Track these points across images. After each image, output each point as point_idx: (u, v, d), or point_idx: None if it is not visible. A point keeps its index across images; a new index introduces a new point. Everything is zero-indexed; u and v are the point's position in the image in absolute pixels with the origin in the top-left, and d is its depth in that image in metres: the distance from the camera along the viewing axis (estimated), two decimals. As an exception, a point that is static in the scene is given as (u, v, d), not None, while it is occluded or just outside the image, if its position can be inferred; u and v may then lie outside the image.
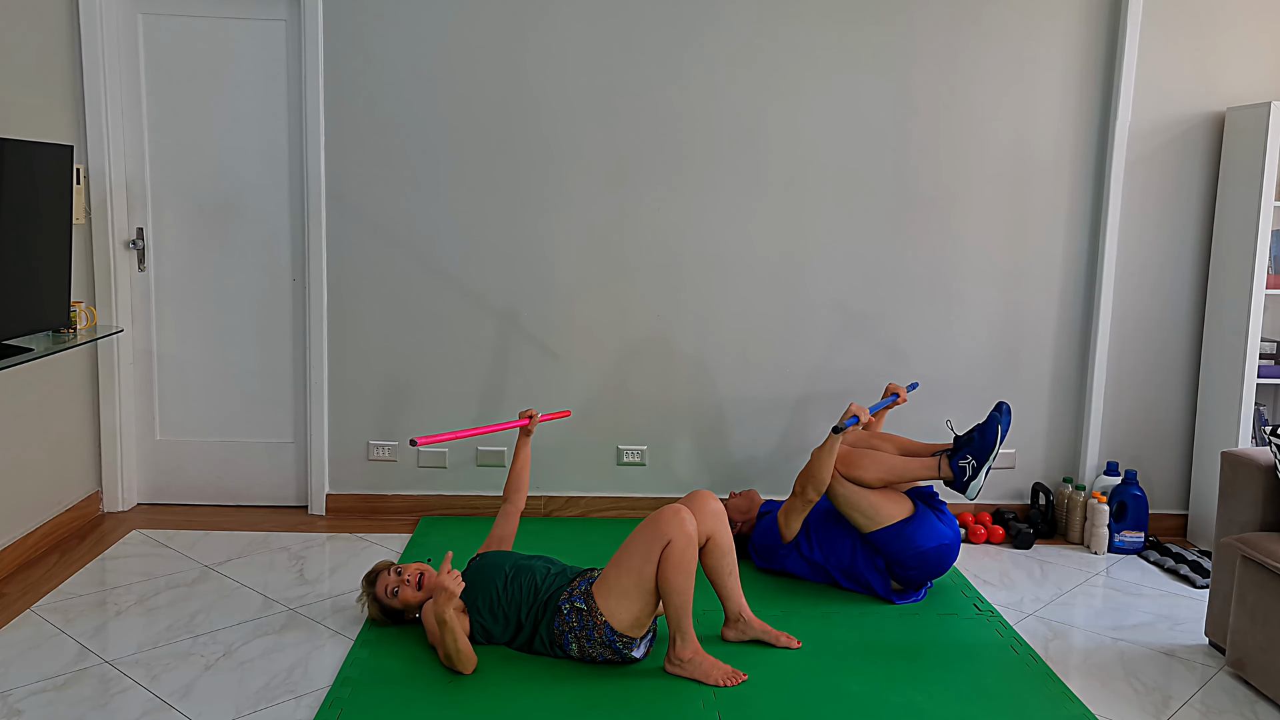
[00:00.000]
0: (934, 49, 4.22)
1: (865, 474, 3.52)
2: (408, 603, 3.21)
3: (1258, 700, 3.00)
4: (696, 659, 3.00)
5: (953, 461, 3.51)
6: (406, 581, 3.21)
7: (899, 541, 3.51)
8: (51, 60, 3.93)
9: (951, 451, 3.54)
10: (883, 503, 3.53)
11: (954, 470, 3.51)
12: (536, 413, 3.60)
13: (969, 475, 3.48)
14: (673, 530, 2.92)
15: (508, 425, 3.56)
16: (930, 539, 3.51)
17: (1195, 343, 4.40)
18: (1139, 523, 4.20)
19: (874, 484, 3.53)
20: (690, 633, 3.00)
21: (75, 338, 3.57)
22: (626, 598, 2.96)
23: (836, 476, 3.54)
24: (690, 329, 4.35)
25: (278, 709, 2.79)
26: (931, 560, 3.52)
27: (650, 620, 3.05)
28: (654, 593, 2.97)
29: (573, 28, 4.17)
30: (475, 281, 4.30)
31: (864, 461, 3.53)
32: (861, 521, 3.55)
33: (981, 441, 3.47)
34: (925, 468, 3.53)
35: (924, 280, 4.35)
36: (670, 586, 2.93)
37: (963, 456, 3.49)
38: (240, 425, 4.42)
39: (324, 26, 4.14)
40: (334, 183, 4.23)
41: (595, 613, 2.97)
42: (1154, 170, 4.30)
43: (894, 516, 3.52)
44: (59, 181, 3.35)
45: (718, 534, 3.18)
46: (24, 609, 3.38)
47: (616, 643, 2.99)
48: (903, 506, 3.55)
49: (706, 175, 4.27)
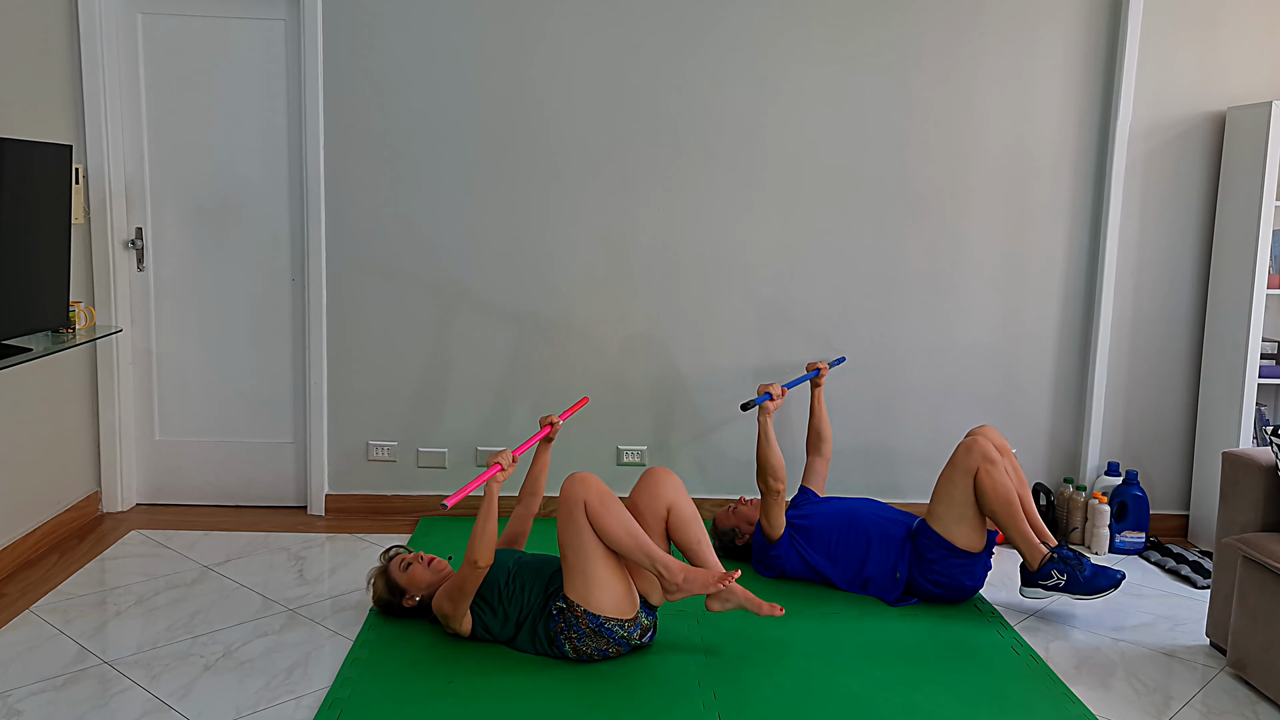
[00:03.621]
0: (934, 49, 4.22)
1: (990, 494, 3.41)
2: (415, 580, 3.24)
3: (1259, 701, 3.00)
4: (688, 576, 2.97)
5: (1050, 564, 3.43)
6: (420, 558, 3.28)
7: (946, 562, 3.50)
8: (51, 60, 3.93)
9: (1059, 557, 3.44)
10: (971, 523, 3.48)
11: (1043, 571, 3.43)
12: (557, 419, 3.42)
13: (1051, 584, 3.42)
14: (578, 491, 2.98)
15: (532, 441, 3.31)
16: (971, 579, 3.53)
17: (1196, 343, 4.40)
18: (1140, 523, 4.20)
19: (986, 506, 3.44)
20: (666, 559, 2.96)
21: (74, 338, 3.57)
22: (593, 579, 2.97)
23: (971, 472, 3.43)
24: (691, 329, 4.35)
25: (278, 709, 2.79)
26: (956, 593, 3.55)
27: (634, 596, 3.05)
28: (609, 556, 2.98)
29: (573, 27, 4.17)
30: (475, 281, 4.29)
31: (999, 484, 3.41)
32: (940, 513, 3.49)
33: (1087, 581, 3.38)
34: (1027, 545, 3.44)
35: (924, 280, 4.35)
36: (612, 535, 2.94)
37: (1061, 571, 3.42)
38: (240, 425, 4.42)
39: (324, 26, 4.13)
40: (334, 183, 4.22)
41: (574, 607, 2.98)
42: (1154, 170, 4.30)
43: (963, 541, 3.48)
44: (58, 181, 3.35)
45: (677, 503, 3.17)
46: (23, 609, 3.38)
47: (606, 626, 2.99)
48: (978, 540, 3.51)
49: (707, 176, 4.26)
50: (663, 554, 2.97)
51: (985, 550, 3.54)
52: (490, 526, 2.94)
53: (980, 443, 3.47)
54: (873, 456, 4.44)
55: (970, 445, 3.47)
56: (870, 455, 4.44)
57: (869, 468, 4.45)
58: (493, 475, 2.92)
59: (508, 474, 2.98)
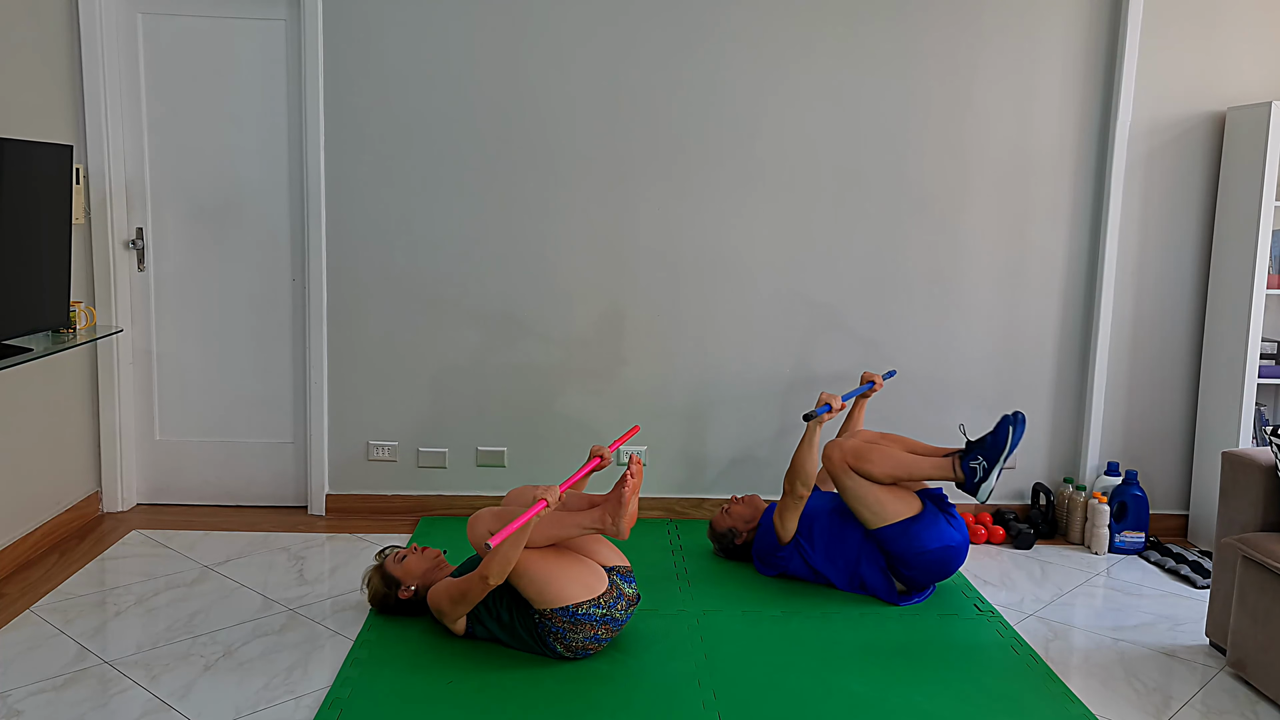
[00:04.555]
0: (934, 49, 4.22)
1: (874, 469, 3.51)
2: (410, 570, 3.26)
3: (1258, 701, 3.00)
4: (609, 509, 2.98)
5: (964, 462, 3.51)
6: (414, 549, 3.31)
7: (904, 540, 3.50)
8: (51, 60, 3.93)
9: (963, 454, 3.54)
10: (890, 499, 3.53)
11: (965, 471, 3.51)
12: (607, 451, 3.21)
13: (979, 476, 3.47)
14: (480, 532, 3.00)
15: (580, 475, 3.17)
16: (935, 540, 3.51)
17: (1196, 343, 4.39)
18: (1139, 523, 4.20)
19: (882, 479, 3.52)
20: (593, 514, 3.00)
21: (75, 338, 3.57)
22: (541, 580, 2.98)
23: (845, 469, 3.54)
24: (690, 329, 4.35)
25: (278, 709, 2.79)
26: (935, 562, 3.52)
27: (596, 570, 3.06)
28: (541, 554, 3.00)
29: (573, 27, 4.17)
30: (475, 281, 4.29)
31: (874, 456, 3.53)
32: (867, 516, 3.54)
33: (993, 443, 3.47)
34: (936, 467, 3.53)
35: (924, 280, 4.35)
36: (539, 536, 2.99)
37: (974, 458, 3.50)
38: (240, 425, 4.42)
39: (324, 26, 4.13)
40: (334, 183, 4.22)
41: (545, 613, 3.00)
42: (1154, 170, 4.30)
43: (900, 514, 3.52)
44: (59, 181, 3.35)
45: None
46: (23, 609, 3.38)
47: (581, 613, 2.99)
48: (910, 505, 3.55)
49: (706, 176, 4.26)
50: (583, 514, 3.01)
51: (926, 507, 3.57)
52: (515, 552, 2.95)
53: (830, 450, 3.58)
54: (873, 456, 4.44)
55: (829, 456, 3.58)
56: (870, 455, 4.44)
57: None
58: (538, 513, 2.90)
59: (552, 509, 2.98)
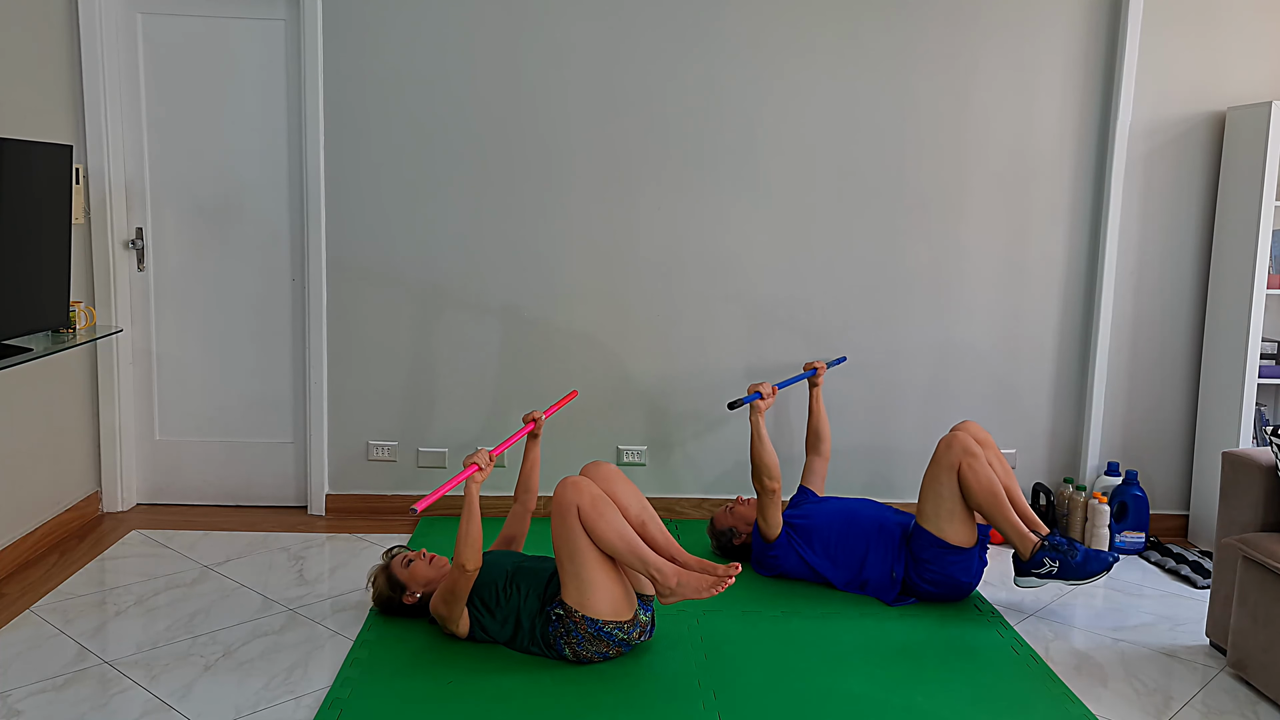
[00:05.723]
0: (934, 49, 4.22)
1: (975, 488, 3.41)
2: (416, 576, 3.25)
3: (1259, 701, 3.00)
4: (683, 579, 2.92)
5: (1042, 552, 3.41)
6: (422, 555, 3.30)
7: (940, 560, 3.50)
8: (51, 60, 3.93)
9: (1050, 545, 3.43)
10: (960, 519, 3.47)
11: (1035, 559, 3.42)
12: (540, 414, 3.47)
13: (1043, 571, 3.41)
14: (571, 497, 2.94)
15: (515, 438, 3.31)
16: (966, 575, 3.53)
17: (1196, 343, 4.39)
18: (1140, 523, 4.20)
19: (972, 501, 3.43)
20: (659, 562, 2.93)
21: (75, 338, 3.57)
22: (589, 584, 2.96)
23: (953, 469, 3.43)
24: (689, 329, 4.35)
25: (278, 709, 2.79)
26: (952, 591, 3.55)
27: (631, 596, 3.05)
28: (603, 560, 2.96)
29: (572, 29, 4.17)
30: (475, 281, 4.29)
31: (983, 477, 3.41)
32: (929, 513, 3.49)
33: (1077, 566, 3.37)
34: (1018, 535, 3.43)
35: (924, 280, 4.35)
36: (605, 540, 2.92)
37: (1053, 556, 3.40)
38: (240, 425, 4.42)
39: (324, 26, 4.13)
40: (334, 183, 4.22)
41: (572, 613, 2.98)
42: (1154, 170, 4.30)
43: (955, 538, 3.48)
44: (58, 181, 3.35)
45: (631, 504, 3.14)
46: (23, 609, 3.38)
47: (605, 630, 2.98)
48: (969, 536, 3.50)
49: (706, 176, 4.26)
50: (656, 557, 2.95)
51: (977, 545, 3.54)
52: (474, 529, 2.93)
53: (960, 438, 3.47)
54: (872, 456, 4.44)
55: (951, 441, 3.47)
56: (870, 455, 4.44)
57: (869, 467, 4.45)
58: (469, 475, 2.90)
59: (485, 474, 2.96)
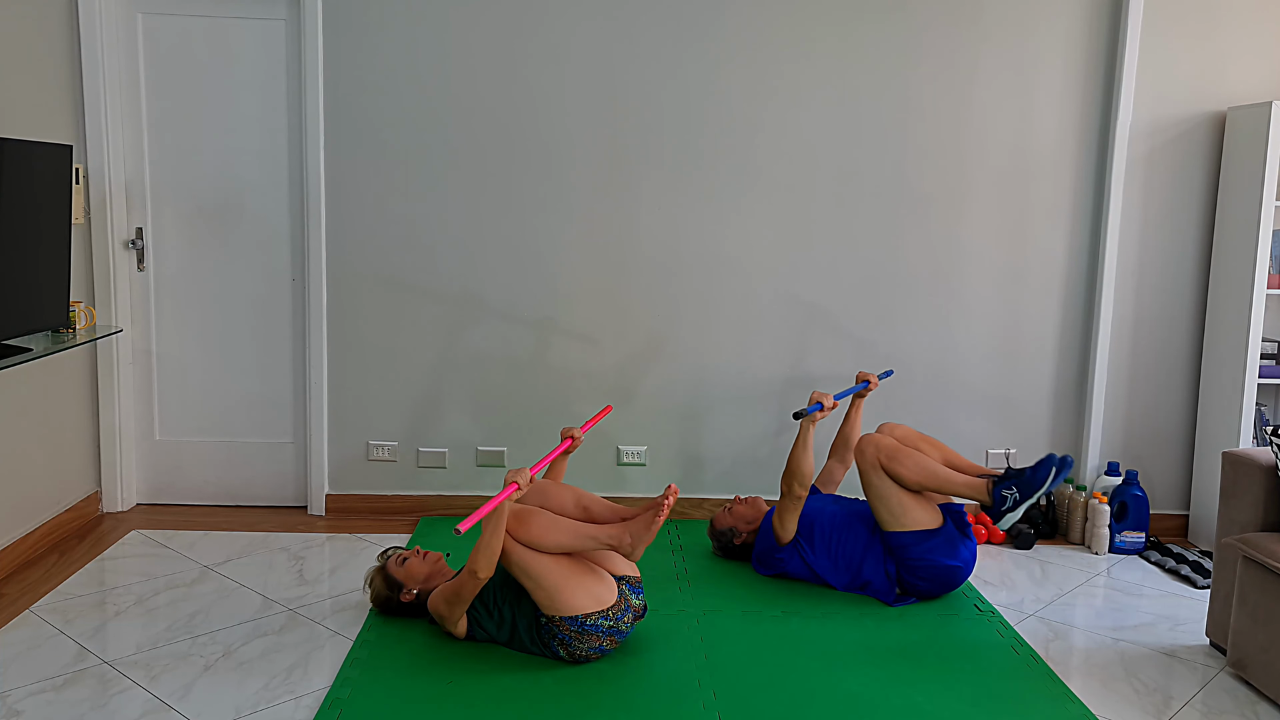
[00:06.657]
0: (934, 48, 4.22)
1: (906, 473, 3.48)
2: (412, 574, 3.26)
3: (1259, 701, 3.00)
4: (631, 530, 2.95)
5: (997, 488, 3.46)
6: (416, 552, 3.30)
7: (918, 549, 3.50)
8: (51, 60, 3.93)
9: (999, 480, 3.48)
10: (913, 506, 3.51)
11: (995, 497, 3.46)
12: (577, 432, 3.40)
13: (1008, 506, 3.43)
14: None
15: (552, 455, 3.32)
16: (948, 556, 3.51)
17: (1196, 343, 4.39)
18: (1140, 523, 4.20)
19: (911, 485, 3.49)
20: (607, 531, 2.96)
21: (75, 338, 3.57)
22: (554, 588, 2.96)
23: (876, 466, 3.50)
24: (689, 329, 4.35)
25: (277, 709, 2.79)
26: (943, 577, 3.53)
27: (607, 580, 3.05)
28: (559, 560, 2.97)
29: (572, 29, 4.17)
30: (475, 280, 4.29)
31: (908, 460, 3.49)
32: (886, 518, 3.53)
33: (1032, 479, 3.41)
34: (968, 486, 3.48)
35: (924, 280, 4.35)
36: (548, 544, 2.95)
37: (1008, 487, 3.44)
38: (240, 425, 4.41)
39: (324, 26, 4.13)
40: (334, 183, 4.22)
41: (554, 621, 2.99)
42: (1154, 170, 4.29)
43: (919, 523, 3.50)
44: (58, 181, 3.34)
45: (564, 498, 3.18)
46: (23, 609, 3.38)
47: (589, 624, 2.98)
48: (932, 516, 3.53)
49: (705, 176, 4.26)
50: (602, 529, 2.97)
51: (947, 523, 3.55)
52: (497, 541, 2.94)
53: (862, 443, 3.55)
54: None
55: (861, 450, 3.55)
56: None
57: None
58: (509, 495, 2.90)
59: (524, 493, 2.98)
